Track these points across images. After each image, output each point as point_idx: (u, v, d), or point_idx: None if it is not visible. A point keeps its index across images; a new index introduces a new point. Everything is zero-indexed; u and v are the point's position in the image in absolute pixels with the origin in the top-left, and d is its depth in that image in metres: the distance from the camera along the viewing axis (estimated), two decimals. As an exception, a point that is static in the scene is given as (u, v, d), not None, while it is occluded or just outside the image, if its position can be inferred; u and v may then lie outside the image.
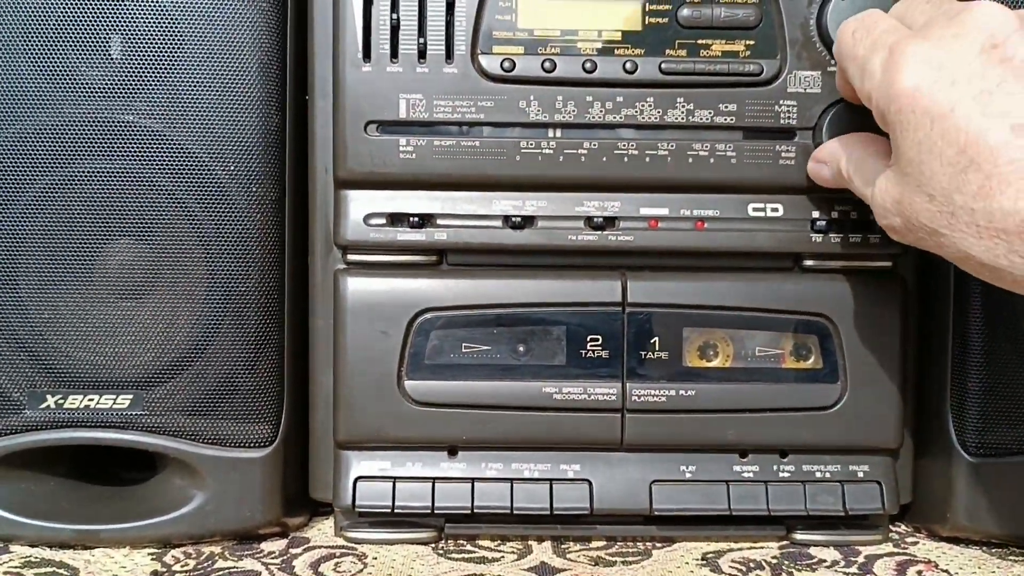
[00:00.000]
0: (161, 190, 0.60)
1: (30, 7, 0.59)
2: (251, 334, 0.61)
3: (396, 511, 0.62)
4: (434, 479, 0.62)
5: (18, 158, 0.59)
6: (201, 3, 0.59)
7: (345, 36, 0.60)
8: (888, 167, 0.51)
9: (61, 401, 0.61)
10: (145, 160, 0.59)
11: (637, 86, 0.60)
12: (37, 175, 0.59)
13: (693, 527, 0.64)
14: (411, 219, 0.61)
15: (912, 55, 0.48)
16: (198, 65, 0.59)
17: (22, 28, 0.59)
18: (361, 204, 0.61)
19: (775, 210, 0.62)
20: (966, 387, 0.62)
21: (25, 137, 0.59)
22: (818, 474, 0.64)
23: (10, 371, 0.61)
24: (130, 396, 0.61)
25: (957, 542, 0.65)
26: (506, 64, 0.60)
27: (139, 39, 0.59)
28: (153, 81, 0.59)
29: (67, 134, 0.59)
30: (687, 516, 0.63)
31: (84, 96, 0.59)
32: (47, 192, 0.60)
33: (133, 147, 0.59)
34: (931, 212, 0.48)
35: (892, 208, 0.51)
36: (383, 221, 0.62)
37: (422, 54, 0.60)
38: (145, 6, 0.59)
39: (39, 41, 0.59)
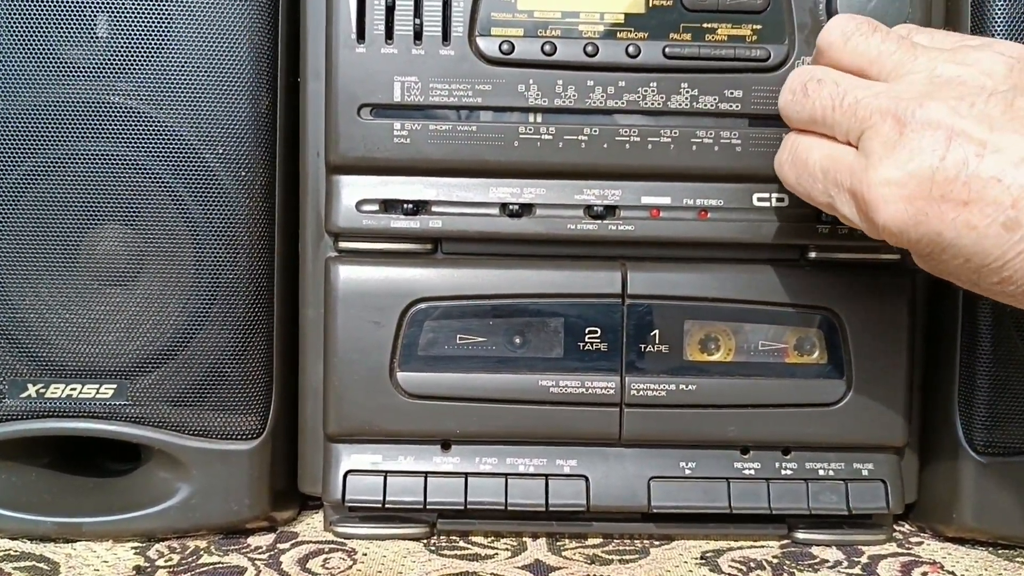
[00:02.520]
0: (148, 173, 0.58)
1: (12, -19, 0.57)
2: (239, 323, 0.60)
3: (387, 506, 0.61)
4: (426, 473, 0.61)
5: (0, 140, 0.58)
6: (190, -20, 0.58)
7: (339, 16, 0.59)
8: None
9: (43, 390, 0.60)
10: (131, 142, 0.58)
11: (640, 71, 0.59)
12: (20, 157, 0.58)
13: (692, 525, 0.63)
14: (405, 206, 0.60)
15: (877, 200, 0.46)
16: (187, 44, 0.58)
17: (3, 4, 0.57)
18: (353, 190, 0.60)
19: (781, 200, 0.61)
20: (974, 384, 0.61)
21: (7, 118, 0.58)
22: (821, 472, 0.63)
23: (-10, 359, 0.60)
24: (114, 386, 0.60)
25: (963, 543, 0.64)
26: (505, 46, 0.58)
27: (126, 17, 0.58)
28: (140, 61, 0.58)
29: (51, 115, 0.58)
30: (686, 514, 0.62)
31: (69, 76, 0.58)
32: (30, 175, 0.58)
33: (119, 129, 0.58)
34: (966, 287, 0.49)
35: (931, 273, 0.51)
36: (376, 207, 0.60)
37: (418, 35, 0.58)
38: (132, -18, 0.57)
39: (22, 18, 0.57)
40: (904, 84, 0.47)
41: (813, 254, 0.62)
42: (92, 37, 0.58)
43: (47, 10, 0.57)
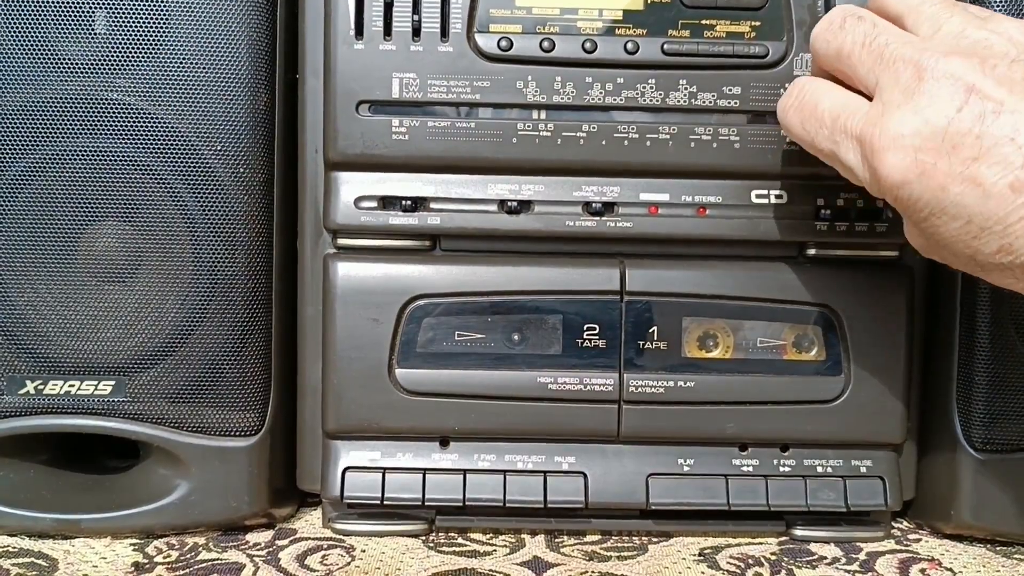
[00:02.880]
0: (146, 170, 0.58)
1: (10, -22, 0.57)
2: (237, 319, 0.60)
3: (386, 503, 0.61)
4: (425, 470, 0.61)
5: (-2, 136, 0.58)
6: (188, -23, 0.58)
7: (337, 13, 0.59)
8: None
9: (41, 387, 0.59)
10: (130, 139, 0.58)
11: (638, 67, 0.59)
12: (17, 154, 0.58)
13: (690, 522, 0.63)
14: (403, 202, 0.60)
15: (886, 147, 0.46)
16: (185, 41, 0.58)
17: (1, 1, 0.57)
18: (352, 187, 0.60)
19: (779, 197, 0.60)
20: (973, 381, 0.61)
21: (4, 115, 0.58)
22: (819, 469, 0.63)
23: (-12, 356, 0.59)
24: (112, 382, 0.60)
25: (961, 539, 0.64)
26: (503, 43, 0.58)
27: (124, 14, 0.57)
28: (138, 57, 0.58)
29: (49, 112, 0.58)
30: (684, 510, 0.62)
31: (67, 72, 0.58)
32: (28, 172, 0.58)
33: (117, 126, 0.58)
34: (961, 263, 0.48)
35: (925, 252, 0.51)
36: (374, 204, 0.60)
37: (416, 32, 0.58)
38: (130, -21, 0.57)
39: (19, 14, 0.57)
40: (934, 41, 0.47)
41: (812, 251, 0.62)
42: (90, 33, 0.57)
43: (45, 6, 0.57)
